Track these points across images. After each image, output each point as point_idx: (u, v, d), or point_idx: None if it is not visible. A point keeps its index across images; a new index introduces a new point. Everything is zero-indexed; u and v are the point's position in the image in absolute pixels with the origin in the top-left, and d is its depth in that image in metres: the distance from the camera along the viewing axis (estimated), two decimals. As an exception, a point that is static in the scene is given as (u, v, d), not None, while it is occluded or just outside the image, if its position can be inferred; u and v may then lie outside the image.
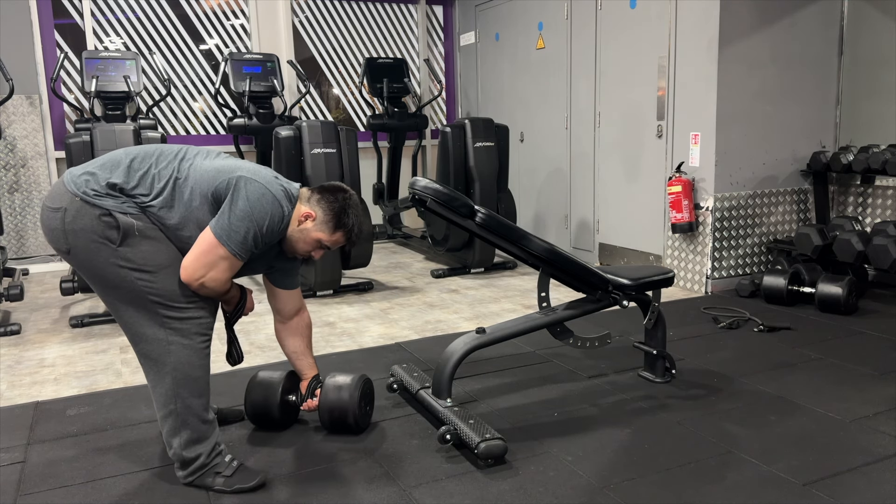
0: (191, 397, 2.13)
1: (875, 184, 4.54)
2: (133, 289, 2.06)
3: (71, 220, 2.03)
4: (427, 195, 2.50)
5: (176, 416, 2.13)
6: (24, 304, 4.62)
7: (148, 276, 2.06)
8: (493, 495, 2.11)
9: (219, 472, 2.18)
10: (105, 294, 2.12)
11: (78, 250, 2.06)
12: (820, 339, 3.55)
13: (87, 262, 2.07)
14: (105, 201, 2.04)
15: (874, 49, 4.53)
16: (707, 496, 2.09)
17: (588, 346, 2.86)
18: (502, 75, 6.52)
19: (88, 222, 2.03)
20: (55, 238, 2.08)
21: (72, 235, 2.04)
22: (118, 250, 2.04)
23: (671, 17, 4.56)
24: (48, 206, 2.08)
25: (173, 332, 2.10)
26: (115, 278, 2.06)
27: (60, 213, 2.05)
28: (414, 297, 4.67)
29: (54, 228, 2.06)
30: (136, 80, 5.51)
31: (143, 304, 2.08)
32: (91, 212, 2.03)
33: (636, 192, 5.03)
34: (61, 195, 2.07)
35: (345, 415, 2.48)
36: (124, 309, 2.10)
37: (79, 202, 2.04)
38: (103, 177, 2.07)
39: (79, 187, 2.05)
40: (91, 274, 2.09)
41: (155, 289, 2.07)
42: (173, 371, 2.10)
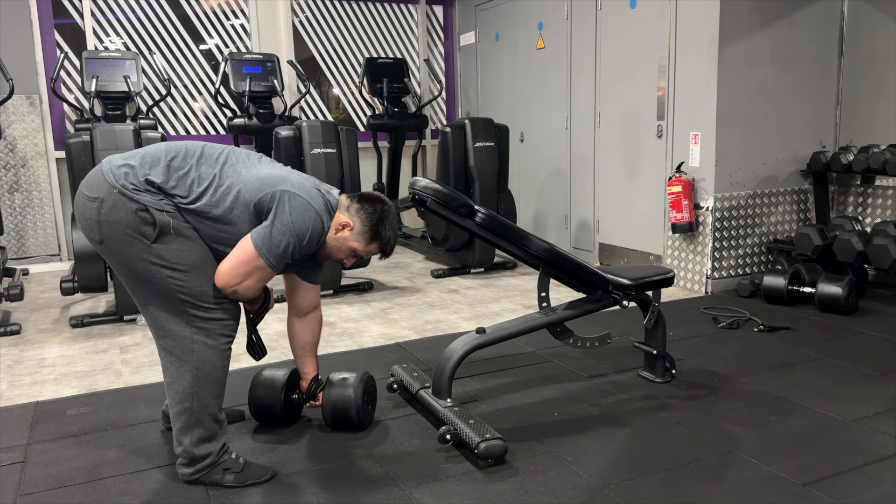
0: (208, 396, 2.15)
1: (875, 184, 4.54)
2: (163, 286, 2.07)
3: (107, 211, 2.03)
4: (427, 195, 2.50)
5: (191, 414, 2.13)
6: (24, 304, 4.62)
7: (179, 274, 2.07)
8: (493, 495, 2.11)
9: (228, 468, 2.20)
10: (133, 287, 2.13)
11: (111, 242, 2.06)
12: (820, 339, 3.55)
13: (118, 255, 2.07)
14: (143, 196, 2.04)
15: (874, 49, 4.53)
16: (707, 496, 2.09)
17: (588, 346, 2.86)
18: (502, 75, 6.52)
19: (124, 216, 2.03)
20: (88, 227, 2.08)
21: (106, 227, 2.04)
22: (152, 247, 2.04)
23: (671, 17, 4.56)
24: (85, 193, 2.08)
25: (198, 332, 2.11)
26: (146, 273, 2.06)
27: (97, 203, 2.04)
28: (414, 297, 4.67)
29: (88, 218, 2.06)
30: (136, 80, 5.51)
31: (171, 300, 2.08)
32: (128, 205, 2.03)
33: (636, 192, 5.03)
34: (99, 184, 2.06)
35: (347, 410, 2.49)
36: (152, 303, 2.11)
37: (116, 194, 2.04)
38: (142, 172, 2.07)
39: (118, 179, 2.05)
40: (121, 266, 2.09)
41: (185, 288, 2.07)
42: (194, 369, 2.11)
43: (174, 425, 2.17)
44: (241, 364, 3.37)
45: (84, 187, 2.10)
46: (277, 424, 2.59)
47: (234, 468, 2.20)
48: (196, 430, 2.15)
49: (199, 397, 2.13)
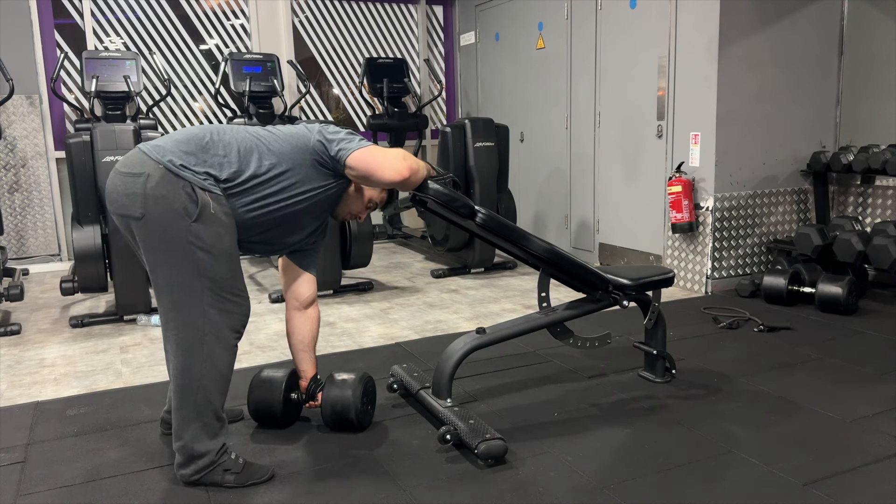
0: (214, 392, 2.15)
1: (875, 184, 4.54)
2: (192, 267, 2.07)
3: (154, 185, 2.04)
4: (427, 196, 2.50)
5: (194, 407, 2.13)
6: (24, 304, 4.62)
7: (210, 257, 2.08)
8: (493, 495, 2.11)
9: (228, 469, 2.19)
10: (161, 268, 2.10)
11: (153, 216, 2.05)
12: (820, 339, 3.55)
13: (157, 230, 2.06)
14: (187, 174, 2.07)
15: (874, 49, 4.53)
16: (707, 496, 2.09)
17: (588, 346, 2.86)
18: (502, 75, 6.52)
19: (170, 190, 2.04)
20: (131, 202, 2.06)
21: (151, 200, 2.04)
22: (192, 225, 2.06)
23: (671, 17, 4.56)
24: (124, 171, 2.09)
25: (210, 325, 2.11)
26: (180, 252, 2.06)
27: (142, 178, 2.05)
28: (414, 297, 4.67)
29: (131, 193, 2.06)
30: (136, 80, 5.51)
31: (194, 285, 2.08)
32: (174, 181, 2.05)
33: (636, 192, 5.03)
34: (142, 161, 2.08)
35: (347, 410, 2.49)
36: (175, 288, 2.09)
37: (163, 170, 2.06)
38: (177, 150, 2.10)
39: (163, 156, 2.08)
40: (157, 244, 2.08)
41: (212, 271, 2.09)
42: (203, 363, 2.12)
43: (175, 420, 2.16)
44: (240, 364, 3.36)
45: (122, 167, 2.11)
46: (277, 425, 2.59)
47: (234, 468, 2.20)
48: (197, 425, 2.14)
49: (205, 392, 2.13)
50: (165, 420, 2.52)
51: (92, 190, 3.90)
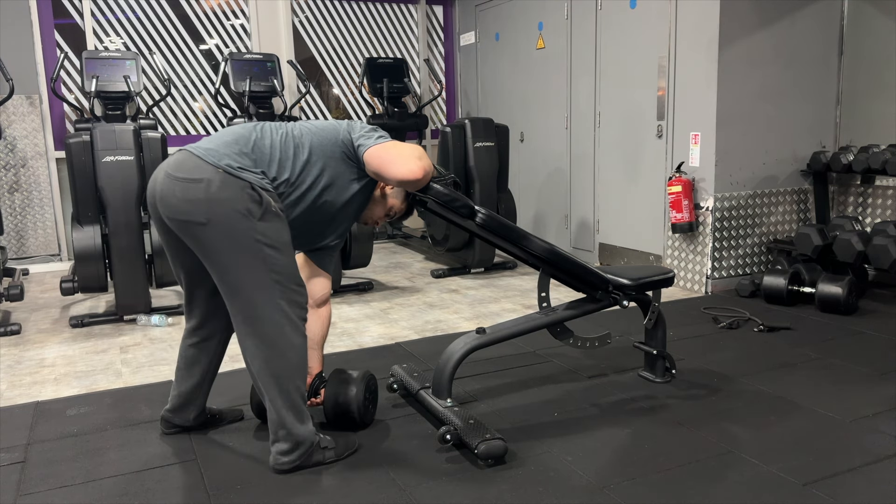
0: (300, 378, 2.23)
1: (875, 184, 4.54)
2: (262, 266, 2.11)
3: (216, 190, 2.06)
4: (427, 196, 2.50)
5: (287, 396, 2.19)
6: (24, 304, 4.62)
7: (277, 252, 2.13)
8: (493, 495, 2.11)
9: (324, 446, 2.29)
10: (231, 271, 2.12)
11: (218, 220, 2.06)
12: (820, 339, 3.55)
13: (225, 234, 2.08)
14: (246, 175, 2.10)
15: (874, 49, 4.53)
16: (707, 496, 2.09)
17: (588, 346, 2.86)
18: (502, 75, 6.52)
19: (234, 193, 2.06)
20: (195, 208, 2.07)
21: (216, 205, 2.06)
22: (258, 224, 2.09)
23: (671, 17, 4.56)
24: (183, 177, 2.09)
25: (284, 315, 2.16)
26: (249, 252, 2.09)
27: (203, 183, 2.06)
28: (414, 297, 4.67)
29: (194, 199, 2.06)
30: (136, 80, 5.51)
31: (265, 282, 2.12)
32: (236, 183, 2.08)
33: (636, 192, 5.03)
34: (199, 167, 2.09)
35: (349, 407, 2.50)
36: (248, 287, 2.12)
37: (222, 174, 2.07)
38: (231, 153, 2.13)
39: (219, 159, 2.10)
40: (226, 247, 2.09)
41: (280, 266, 2.13)
42: (286, 352, 2.17)
43: (271, 413, 2.20)
44: (241, 364, 3.36)
45: (176, 171, 2.11)
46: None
47: (329, 445, 2.31)
48: (293, 412, 2.20)
49: (293, 379, 2.20)
50: (166, 419, 2.55)
51: (92, 190, 3.90)
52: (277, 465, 2.24)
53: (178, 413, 2.52)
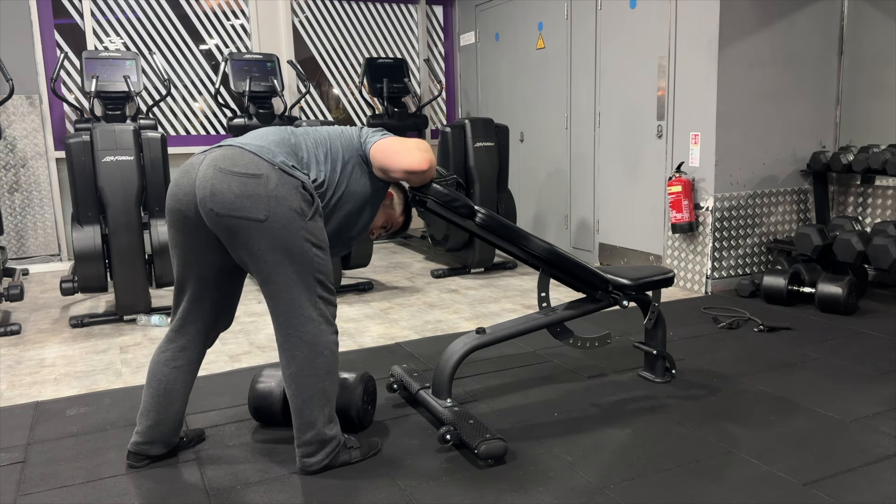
0: (335, 378, 2.23)
1: (875, 184, 4.54)
2: (308, 265, 2.11)
3: (275, 186, 2.05)
4: (427, 196, 2.50)
5: (323, 395, 2.19)
6: (24, 304, 4.62)
7: (321, 252, 2.15)
8: (493, 495, 2.11)
9: (350, 446, 2.30)
10: (279, 269, 2.09)
11: (277, 217, 2.05)
12: (820, 339, 3.55)
13: (280, 231, 2.06)
14: (298, 174, 2.11)
15: (874, 49, 4.53)
16: (707, 496, 2.09)
17: (588, 346, 2.86)
18: (502, 75, 6.52)
19: (289, 191, 2.07)
20: (255, 204, 2.03)
21: (274, 202, 2.04)
22: (307, 224, 2.10)
23: (671, 17, 4.56)
24: (241, 172, 2.05)
25: (321, 314, 2.17)
26: (299, 251, 2.09)
27: (262, 179, 2.05)
28: (414, 297, 4.67)
29: (254, 195, 2.04)
30: (136, 80, 5.51)
31: (309, 282, 2.13)
32: (291, 182, 2.08)
33: (636, 192, 5.03)
34: (256, 163, 2.08)
35: (348, 410, 2.49)
36: (293, 286, 2.11)
37: (278, 171, 2.08)
38: (282, 152, 2.13)
39: (274, 157, 2.10)
40: (279, 244, 2.07)
41: (323, 265, 2.15)
42: (325, 350, 2.17)
43: (301, 417, 2.18)
44: (240, 364, 3.37)
45: (232, 166, 2.06)
46: (277, 424, 2.58)
47: (354, 444, 2.32)
48: (326, 411, 2.20)
49: (330, 377, 2.20)
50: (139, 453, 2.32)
51: (92, 190, 3.90)
52: (306, 467, 2.22)
53: (154, 444, 2.31)
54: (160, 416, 2.29)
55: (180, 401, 2.32)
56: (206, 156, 2.14)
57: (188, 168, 2.16)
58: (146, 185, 3.99)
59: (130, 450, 2.32)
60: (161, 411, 2.29)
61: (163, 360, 2.30)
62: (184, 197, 2.13)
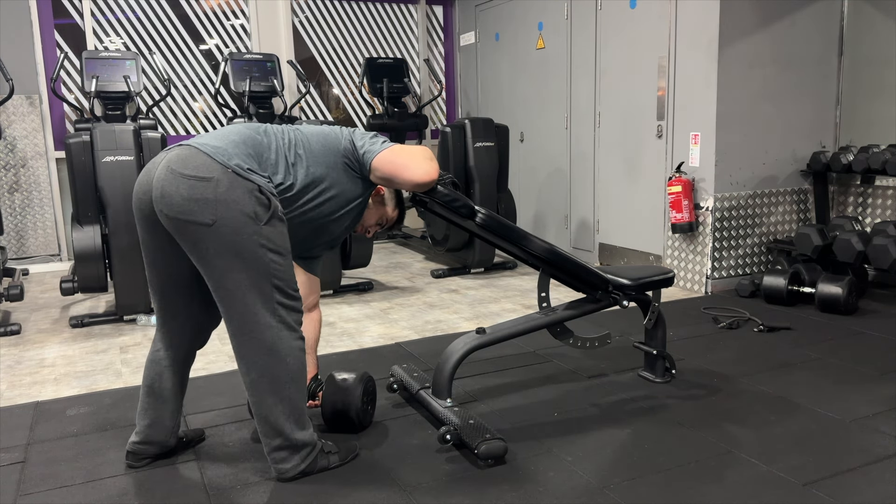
0: (300, 383, 2.17)
1: (875, 184, 4.54)
2: (264, 270, 2.06)
3: (224, 190, 2.00)
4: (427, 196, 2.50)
5: (289, 402, 2.14)
6: (24, 304, 4.62)
7: (280, 258, 2.09)
8: (493, 495, 2.11)
9: (328, 451, 2.27)
10: (230, 275, 2.05)
11: (225, 222, 2.00)
12: (820, 339, 3.55)
13: (230, 236, 2.01)
14: (254, 177, 2.05)
15: (874, 49, 4.53)
16: (707, 496, 2.09)
17: (588, 346, 2.86)
18: (502, 75, 6.52)
19: (241, 195, 2.01)
20: (202, 208, 1.99)
21: (223, 206, 1.99)
22: (262, 228, 2.04)
23: (671, 17, 4.56)
24: (190, 174, 2.00)
25: (280, 321, 2.11)
26: (252, 256, 2.04)
27: (212, 183, 2.00)
28: (414, 297, 4.67)
29: (201, 198, 1.99)
30: (136, 80, 5.51)
31: (265, 288, 2.07)
32: (244, 185, 2.02)
33: (636, 192, 5.03)
34: (208, 165, 2.02)
35: (347, 410, 2.49)
36: (247, 293, 2.06)
37: (231, 174, 2.02)
38: (239, 153, 2.08)
39: (229, 159, 2.04)
40: (229, 249, 2.03)
41: (281, 272, 2.09)
42: (287, 357, 2.12)
43: (266, 423, 2.14)
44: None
45: (182, 168, 2.01)
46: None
47: (332, 450, 2.29)
48: (292, 418, 2.15)
49: (294, 384, 2.15)
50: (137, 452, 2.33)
51: (92, 190, 3.90)
52: (281, 473, 2.19)
53: (152, 443, 2.31)
54: (156, 415, 2.28)
55: (173, 400, 2.30)
56: (166, 155, 2.10)
57: (150, 166, 2.13)
58: (146, 185, 3.99)
59: (129, 449, 2.32)
60: (156, 410, 2.28)
61: (153, 359, 2.29)
62: (143, 196, 2.11)
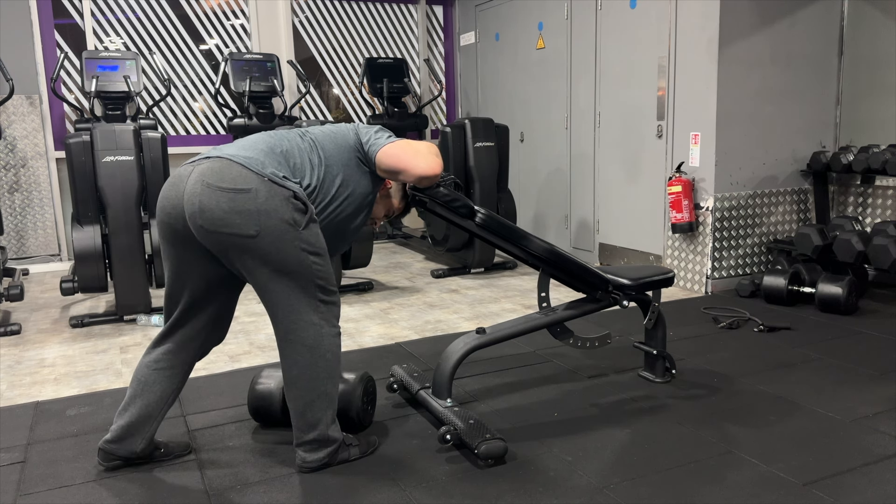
0: (337, 379, 2.23)
1: (875, 184, 4.54)
2: (307, 273, 2.10)
3: (264, 200, 2.02)
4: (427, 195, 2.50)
5: (326, 397, 2.20)
6: (24, 304, 4.62)
7: (320, 259, 2.13)
8: (493, 495, 2.11)
9: (349, 444, 2.32)
10: (275, 281, 2.09)
11: (268, 232, 2.03)
12: (820, 339, 3.55)
13: (273, 245, 2.04)
14: (289, 184, 2.08)
15: (874, 49, 4.53)
16: (707, 496, 2.09)
17: (588, 346, 2.86)
18: (502, 75, 6.53)
19: (279, 204, 2.04)
20: (245, 220, 2.01)
21: (265, 217, 2.02)
22: (301, 233, 2.08)
23: (671, 17, 4.56)
24: (229, 187, 2.02)
25: (322, 317, 2.16)
26: (294, 261, 2.08)
27: (251, 194, 2.02)
28: (414, 297, 4.67)
29: (244, 210, 2.01)
30: (136, 80, 5.51)
31: (308, 289, 2.12)
32: (281, 193, 2.05)
33: (636, 192, 5.03)
34: (245, 176, 2.04)
35: (347, 409, 2.49)
36: (291, 295, 2.10)
37: (268, 183, 2.04)
38: (272, 161, 2.11)
39: (263, 168, 2.07)
40: (273, 258, 2.06)
41: (323, 272, 2.14)
42: (327, 353, 2.17)
43: (302, 418, 2.19)
44: (240, 364, 3.37)
45: (219, 181, 2.02)
46: (277, 424, 2.58)
47: (353, 442, 2.33)
48: (329, 413, 2.22)
49: (332, 380, 2.21)
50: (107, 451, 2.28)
51: (92, 190, 3.90)
52: (306, 463, 2.23)
53: (122, 444, 2.26)
54: (133, 417, 2.25)
55: (156, 405, 2.25)
56: (195, 168, 2.10)
57: (176, 180, 2.12)
58: (146, 186, 3.99)
59: (100, 446, 2.29)
60: (134, 413, 2.24)
61: (145, 361, 2.28)
62: (172, 210, 2.10)
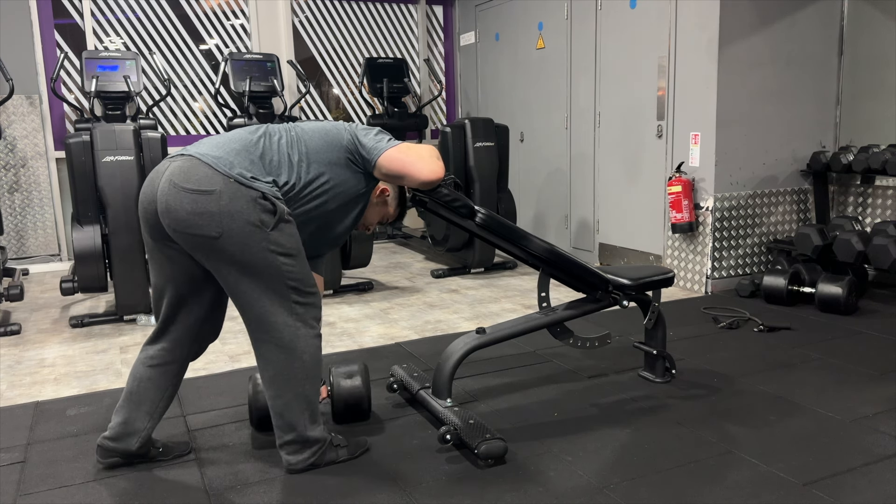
0: (315, 380, 2.21)
1: (875, 184, 4.54)
2: (276, 274, 2.08)
3: (227, 202, 2.00)
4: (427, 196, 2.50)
5: (303, 398, 2.18)
6: (24, 304, 4.62)
7: (291, 260, 2.10)
8: (493, 495, 2.11)
9: (336, 444, 2.31)
10: (244, 282, 2.08)
11: (232, 234, 2.01)
12: (820, 339, 3.55)
13: (238, 247, 2.03)
14: (258, 184, 2.06)
15: (874, 49, 4.53)
16: (707, 496, 2.09)
17: (588, 346, 2.86)
18: (502, 75, 6.52)
19: (244, 205, 2.02)
20: (207, 222, 2.00)
21: (227, 219, 2.00)
22: (270, 234, 2.05)
23: (671, 17, 4.56)
24: (193, 188, 2.01)
25: (298, 318, 2.14)
26: (262, 263, 2.06)
27: (215, 195, 2.00)
28: (414, 297, 4.67)
29: (205, 212, 2.00)
30: (136, 80, 5.51)
31: (279, 290, 2.10)
32: (247, 194, 2.03)
33: (636, 192, 5.03)
34: (210, 177, 2.02)
35: (360, 403, 2.59)
36: (262, 296, 2.09)
37: (234, 184, 2.02)
38: (242, 161, 2.08)
39: (231, 168, 2.04)
40: (239, 259, 2.04)
41: (294, 273, 2.11)
42: (303, 354, 2.16)
43: (281, 418, 2.19)
44: (240, 364, 3.37)
45: (184, 182, 2.02)
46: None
47: (341, 443, 2.32)
48: (306, 414, 2.20)
49: (310, 381, 2.19)
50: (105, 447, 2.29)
51: (92, 190, 3.90)
52: (291, 465, 2.23)
53: (119, 441, 2.27)
54: (129, 413, 2.26)
55: (150, 402, 2.26)
56: (170, 164, 2.11)
57: (153, 175, 2.13)
58: (146, 185, 3.99)
59: (98, 443, 2.30)
60: (131, 409, 2.26)
61: (141, 358, 2.29)
62: (149, 206, 2.12)
